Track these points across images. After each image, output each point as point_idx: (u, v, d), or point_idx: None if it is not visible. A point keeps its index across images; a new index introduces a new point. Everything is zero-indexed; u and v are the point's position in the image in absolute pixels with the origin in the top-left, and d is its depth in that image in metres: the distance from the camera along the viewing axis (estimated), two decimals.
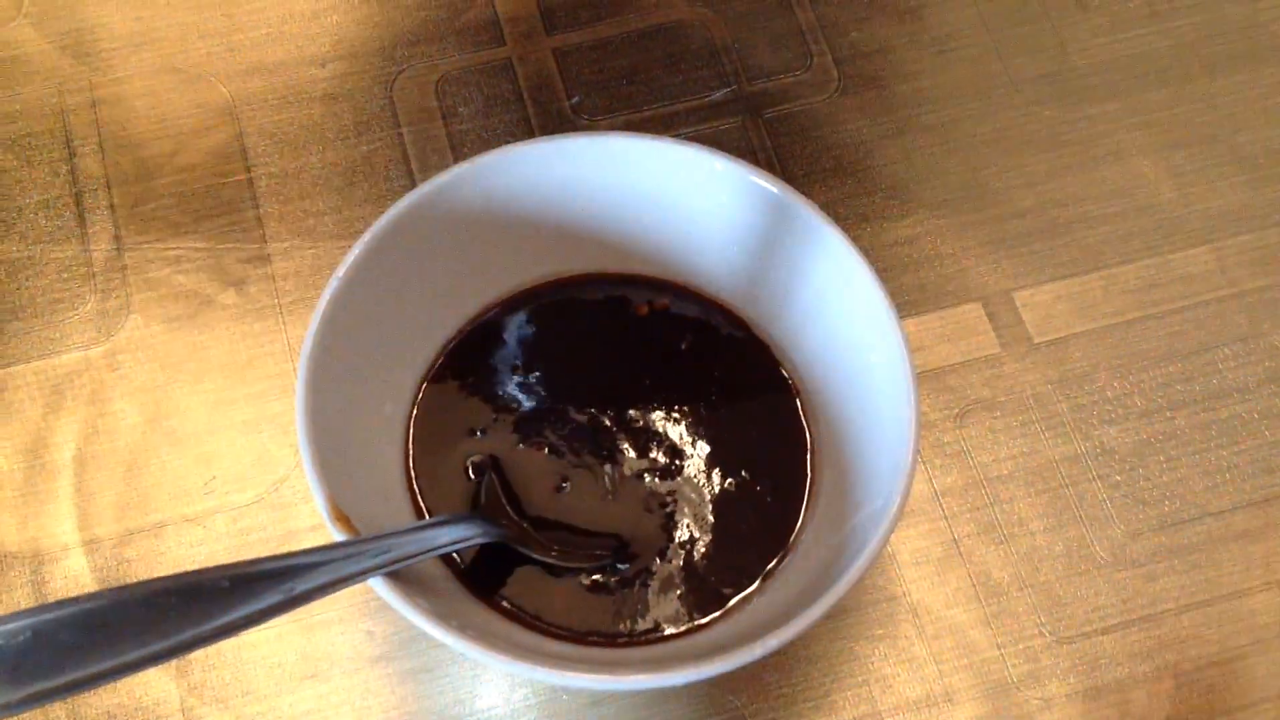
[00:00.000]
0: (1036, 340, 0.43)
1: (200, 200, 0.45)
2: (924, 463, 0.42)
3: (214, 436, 0.41)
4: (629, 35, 0.49)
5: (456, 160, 0.45)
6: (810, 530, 0.37)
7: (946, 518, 0.41)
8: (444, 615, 0.32)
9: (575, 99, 0.47)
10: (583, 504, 0.38)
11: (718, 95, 0.47)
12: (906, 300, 0.44)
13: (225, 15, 0.48)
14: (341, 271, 0.35)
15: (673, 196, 0.39)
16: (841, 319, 0.37)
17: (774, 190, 0.38)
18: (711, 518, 0.38)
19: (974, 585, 0.40)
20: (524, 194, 0.39)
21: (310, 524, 0.40)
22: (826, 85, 0.48)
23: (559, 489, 0.38)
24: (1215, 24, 0.49)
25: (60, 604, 0.28)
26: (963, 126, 0.47)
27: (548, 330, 0.40)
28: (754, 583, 0.37)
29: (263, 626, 0.38)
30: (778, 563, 0.37)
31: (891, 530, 0.34)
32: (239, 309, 0.43)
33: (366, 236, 0.36)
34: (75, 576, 0.40)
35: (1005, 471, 0.42)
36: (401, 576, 0.33)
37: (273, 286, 0.44)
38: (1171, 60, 0.48)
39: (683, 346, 0.40)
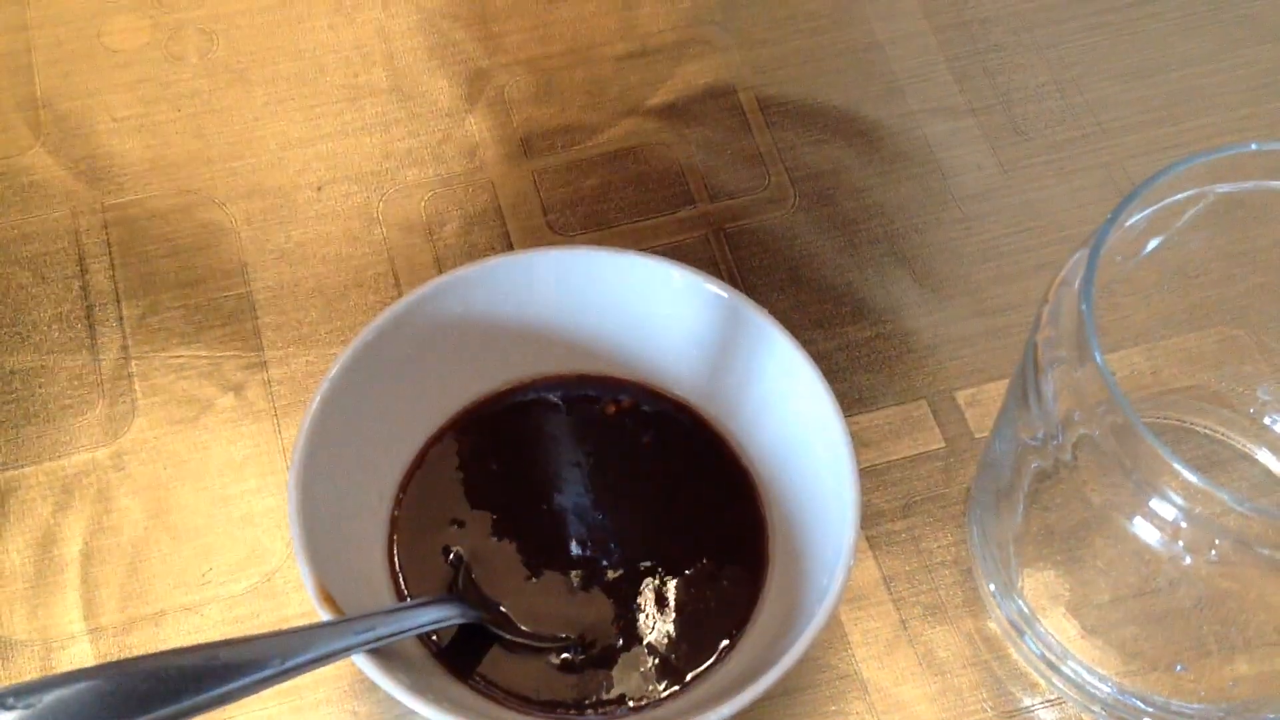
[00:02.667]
0: (977, 436, 0.47)
1: (203, 312, 0.49)
2: (873, 549, 0.45)
3: (211, 530, 0.45)
4: (601, 157, 0.53)
5: (439, 273, 0.49)
6: (765, 610, 0.40)
7: (894, 600, 0.44)
8: (422, 689, 0.35)
9: (551, 216, 0.51)
10: (553, 587, 0.41)
11: (682, 212, 0.51)
12: (859, 398, 0.48)
13: (228, 143, 0.52)
14: (329, 377, 0.39)
15: (636, 304, 0.43)
16: (791, 414, 0.41)
17: (727, 297, 0.41)
18: (673, 599, 0.41)
19: (920, 664, 0.43)
20: (500, 303, 0.42)
21: (301, 611, 0.43)
22: (783, 202, 0.52)
23: (531, 573, 0.41)
24: (1148, 143, 0.53)
25: (71, 676, 0.31)
26: (909, 238, 0.51)
27: (522, 428, 0.43)
28: (711, 659, 0.40)
29: (254, 706, 0.41)
30: (734, 641, 0.40)
31: (833, 609, 0.37)
32: (237, 412, 0.47)
33: (353, 344, 0.40)
34: (81, 662, 0.42)
35: (949, 558, 0.45)
36: (383, 654, 0.36)
37: (269, 391, 0.47)
38: (1103, 178, 0.52)
39: (646, 442, 0.43)
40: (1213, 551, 0.34)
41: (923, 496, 0.46)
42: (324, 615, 0.36)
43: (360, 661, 0.34)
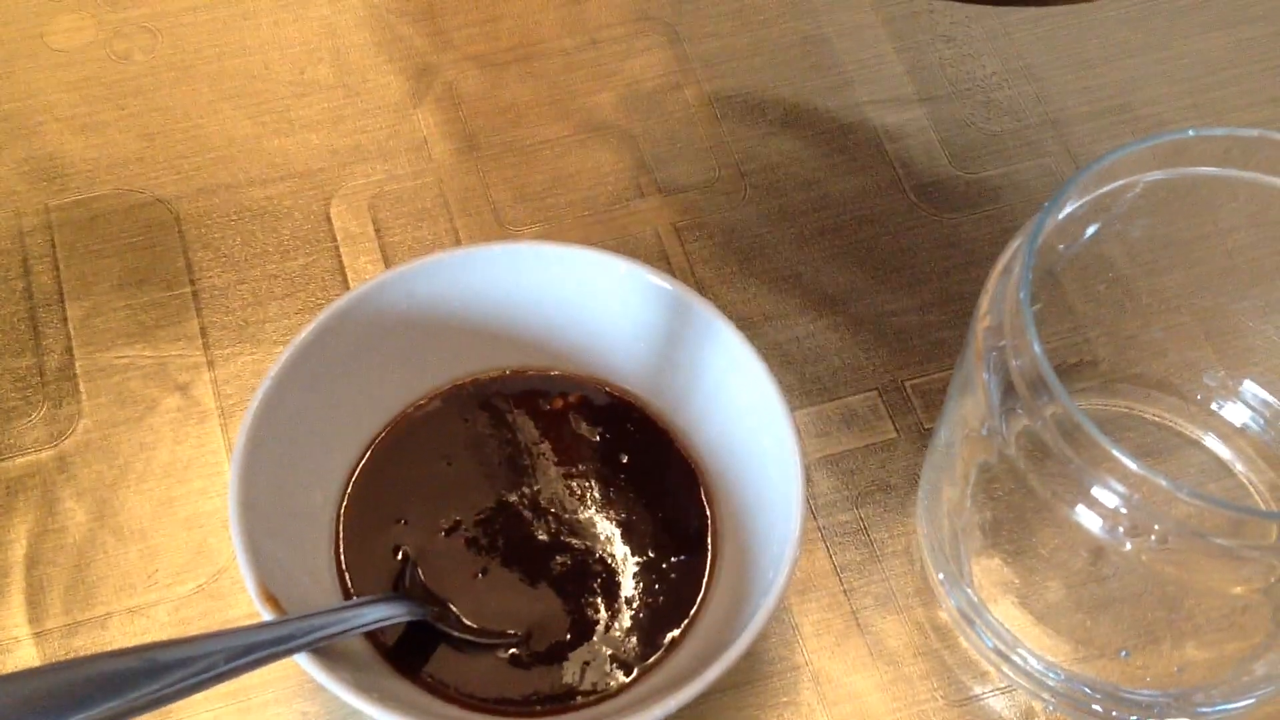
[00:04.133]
0: (928, 426, 0.47)
1: (148, 312, 0.48)
2: (825, 540, 0.45)
3: (157, 532, 0.44)
4: (550, 152, 0.52)
5: (386, 270, 0.48)
6: (713, 602, 0.40)
7: (845, 591, 0.44)
8: (367, 688, 0.35)
9: (500, 211, 0.51)
10: (501, 584, 0.40)
11: (633, 205, 0.51)
12: (810, 390, 0.47)
13: (174, 141, 0.52)
14: (270, 375, 0.39)
15: (582, 298, 0.43)
16: (737, 407, 0.41)
17: (673, 291, 0.41)
18: (620, 594, 0.40)
19: (871, 653, 0.43)
20: (445, 299, 0.42)
21: (248, 612, 0.43)
22: (734, 195, 0.52)
23: (479, 569, 0.40)
24: (1097, 132, 0.54)
25: (7, 677, 0.30)
26: (860, 230, 0.51)
27: (469, 425, 0.43)
28: (658, 652, 0.39)
29: (201, 707, 0.41)
30: (682, 634, 0.40)
31: (778, 603, 0.37)
32: (182, 412, 0.46)
33: (294, 342, 0.39)
34: (26, 665, 0.42)
35: (900, 548, 0.45)
36: (328, 653, 0.36)
37: (215, 390, 0.47)
38: (1053, 166, 0.53)
39: (593, 436, 0.43)
40: (1153, 538, 0.35)
41: (874, 487, 0.46)
42: (266, 615, 0.35)
43: (303, 661, 0.34)
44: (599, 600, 0.40)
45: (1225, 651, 0.40)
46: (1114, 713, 0.41)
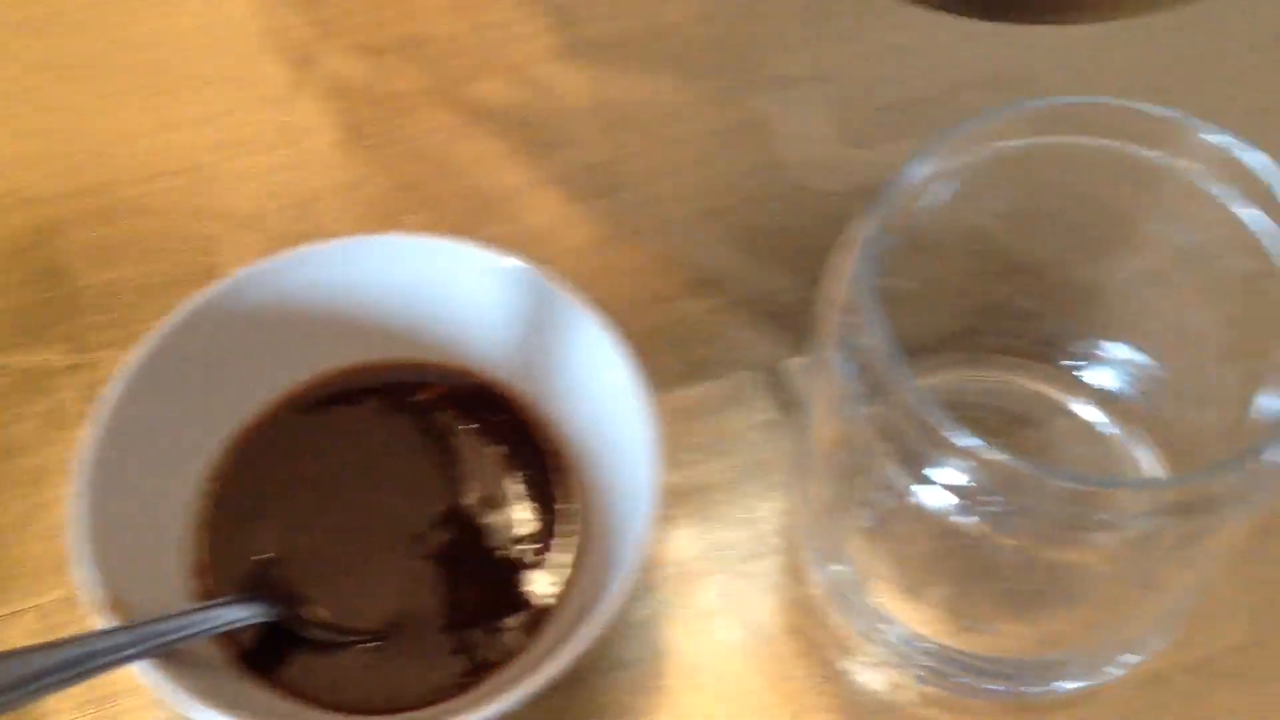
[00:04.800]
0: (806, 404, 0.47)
1: (24, 315, 0.48)
2: (703, 521, 0.45)
3: (24, 540, 0.44)
4: (434, 142, 0.52)
5: None
6: (579, 590, 0.40)
7: (722, 571, 0.44)
8: (214, 695, 0.34)
9: (382, 203, 0.51)
10: (365, 580, 0.40)
11: (522, 192, 0.51)
12: (692, 372, 0.47)
13: (55, 141, 0.52)
14: (122, 373, 0.38)
15: (447, 288, 0.43)
16: (600, 392, 0.41)
17: (537, 278, 0.41)
18: (485, 588, 0.40)
19: (744, 633, 0.43)
20: (306, 293, 0.42)
21: None
22: (621, 179, 0.51)
23: (342, 567, 0.40)
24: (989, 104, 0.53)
25: None
26: (741, 210, 0.51)
27: (334, 420, 0.43)
28: (525, 642, 0.39)
29: (61, 714, 0.41)
30: (548, 621, 0.40)
31: (628, 592, 0.37)
32: (54, 416, 0.46)
33: (149, 340, 0.39)
34: None
35: (776, 526, 0.45)
36: (178, 660, 0.35)
37: (90, 394, 0.46)
38: None
39: (460, 426, 0.43)
40: (1001, 514, 0.35)
41: (753, 466, 0.46)
42: (109, 622, 0.35)
43: (140, 669, 0.34)
44: (464, 593, 0.40)
45: (1083, 621, 0.40)
46: (982, 684, 0.41)
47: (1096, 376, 0.45)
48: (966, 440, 0.33)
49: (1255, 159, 0.36)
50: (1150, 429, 0.45)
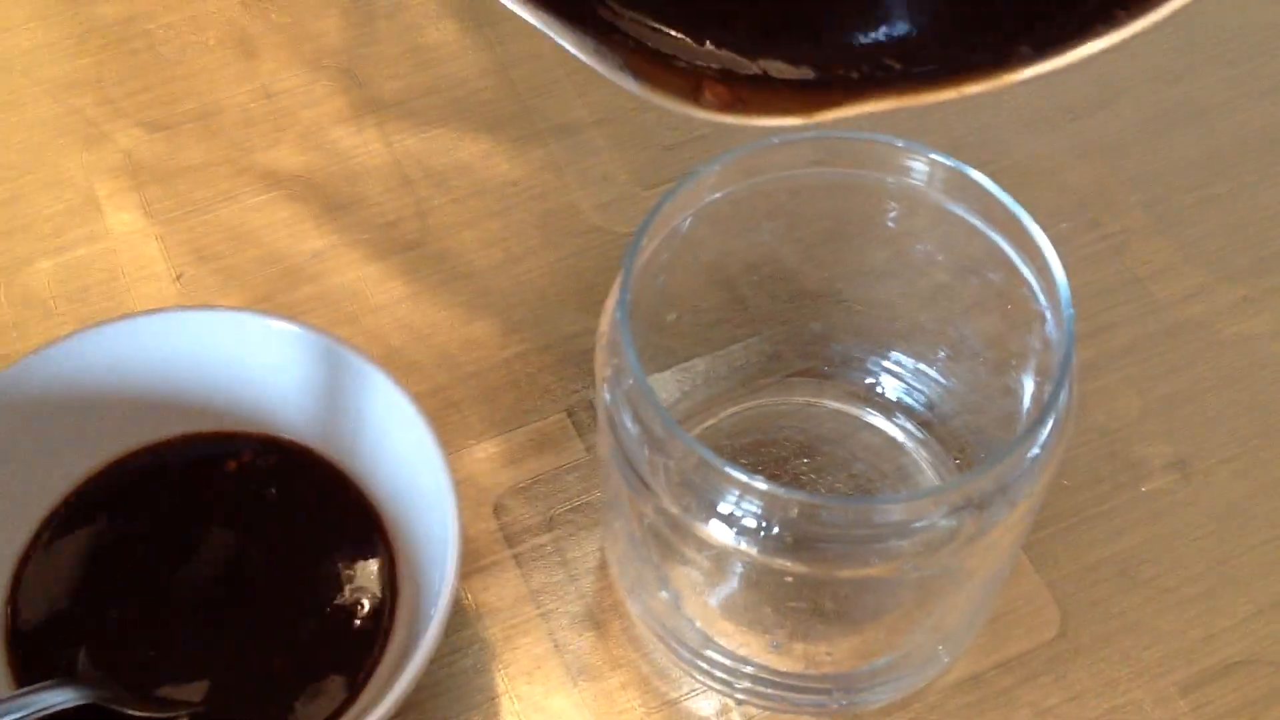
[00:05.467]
0: None
1: None
2: (520, 566, 0.45)
3: None
4: (232, 211, 0.52)
5: None
6: (394, 649, 0.40)
7: (542, 615, 0.44)
8: None
9: (181, 277, 0.51)
10: (179, 655, 0.40)
11: (321, 255, 0.51)
12: (504, 418, 0.48)
13: None
14: None
15: (243, 357, 0.43)
16: (399, 451, 0.41)
17: (327, 343, 0.42)
18: (303, 651, 0.40)
19: (569, 673, 0.43)
20: (100, 374, 0.42)
21: None
22: (419, 234, 0.52)
23: (157, 645, 0.40)
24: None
25: None
26: (539, 255, 0.52)
27: (141, 497, 0.43)
28: (345, 703, 0.40)
29: None
30: (364, 680, 0.40)
31: (432, 648, 0.37)
32: None
33: None
34: None
35: (593, 564, 0.45)
36: None
37: None
38: None
39: (269, 494, 0.43)
40: (779, 540, 0.36)
41: (566, 508, 0.47)
42: None
43: None
44: (284, 657, 0.40)
45: (891, 631, 0.41)
46: (803, 701, 0.42)
47: (892, 390, 0.47)
48: (739, 474, 0.34)
49: (989, 184, 0.38)
50: (941, 437, 0.46)
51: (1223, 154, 0.54)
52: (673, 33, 0.31)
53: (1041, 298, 0.38)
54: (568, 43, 0.29)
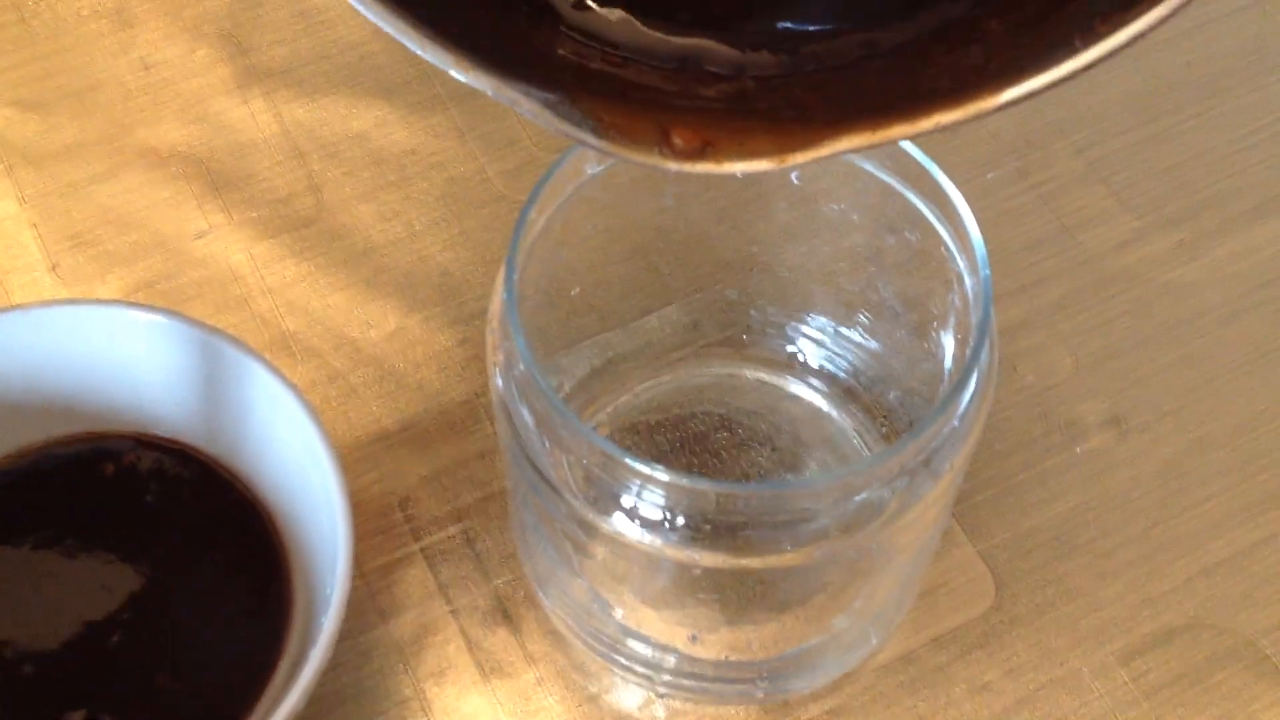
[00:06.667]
0: None
1: None
2: (428, 560, 0.43)
3: None
4: (112, 188, 0.49)
5: None
6: (290, 653, 0.38)
7: (453, 611, 0.42)
8: None
9: (57, 267, 0.47)
10: (56, 677, 0.37)
11: (206, 236, 0.48)
12: (401, 405, 0.45)
13: None
14: None
15: (114, 353, 0.40)
16: (285, 446, 0.39)
17: (202, 335, 0.39)
18: (195, 657, 0.38)
19: (482, 671, 0.41)
20: None
21: None
22: (311, 211, 0.49)
23: (30, 663, 0.38)
24: None
25: None
26: (453, 225, 0.49)
27: (11, 507, 0.40)
28: (242, 711, 0.37)
29: None
30: (263, 689, 0.38)
31: (326, 652, 0.35)
32: None
33: None
34: None
35: (507, 554, 0.43)
36: None
37: None
38: None
39: (152, 496, 0.40)
40: (692, 531, 0.34)
41: (476, 496, 0.44)
42: None
43: None
44: (167, 675, 0.38)
45: (815, 614, 0.39)
46: (730, 690, 0.40)
47: (814, 357, 0.45)
48: (639, 464, 0.32)
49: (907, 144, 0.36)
50: (866, 404, 0.44)
51: (1154, 95, 0.52)
52: (653, 32, 0.28)
53: (959, 257, 0.36)
54: (512, 101, 0.26)
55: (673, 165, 0.27)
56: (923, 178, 0.36)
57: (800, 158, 0.27)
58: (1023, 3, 0.28)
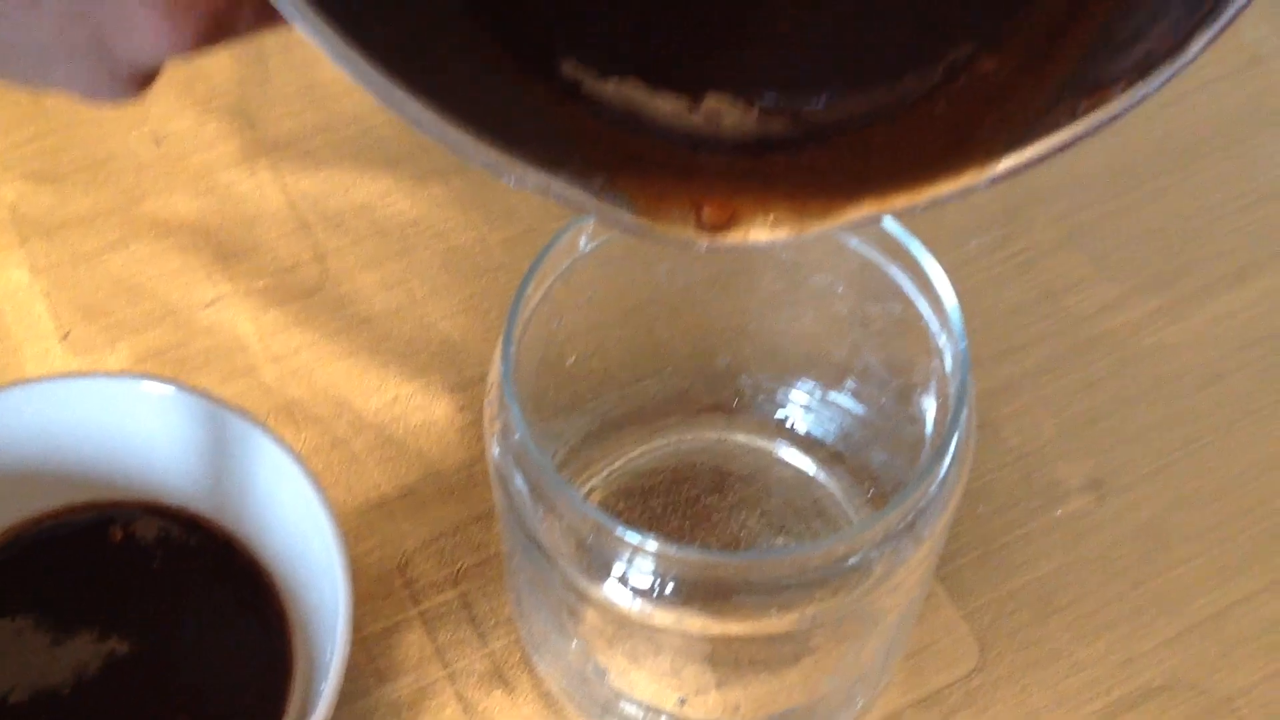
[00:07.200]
0: None
1: None
2: (425, 624, 0.44)
3: None
4: (124, 259, 0.51)
5: None
6: (290, 716, 0.39)
7: (449, 674, 0.43)
8: None
9: (69, 334, 0.49)
10: None
11: (215, 305, 0.50)
12: (401, 471, 0.46)
13: None
14: None
15: (125, 423, 0.41)
16: (288, 514, 0.40)
17: (209, 407, 0.40)
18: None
19: None
20: None
21: None
22: (316, 280, 0.51)
23: None
24: None
25: None
26: (433, 301, 0.50)
27: (22, 573, 0.41)
28: None
29: None
30: None
31: (328, 711, 0.36)
32: None
33: None
34: None
35: (503, 617, 0.44)
36: None
37: None
38: None
39: (159, 562, 0.41)
40: (677, 597, 0.35)
41: (473, 560, 0.45)
42: None
43: None
44: None
45: (802, 677, 0.40)
46: None
47: (802, 422, 0.46)
48: (629, 534, 0.33)
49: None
50: (853, 468, 0.45)
51: (1132, 164, 0.53)
52: (668, 99, 0.29)
53: (937, 328, 0.37)
54: (561, 196, 0.27)
55: (705, 242, 0.28)
56: (901, 252, 0.38)
57: (819, 226, 0.28)
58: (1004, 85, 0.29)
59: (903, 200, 0.28)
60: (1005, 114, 0.28)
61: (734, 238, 0.28)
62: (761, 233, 0.28)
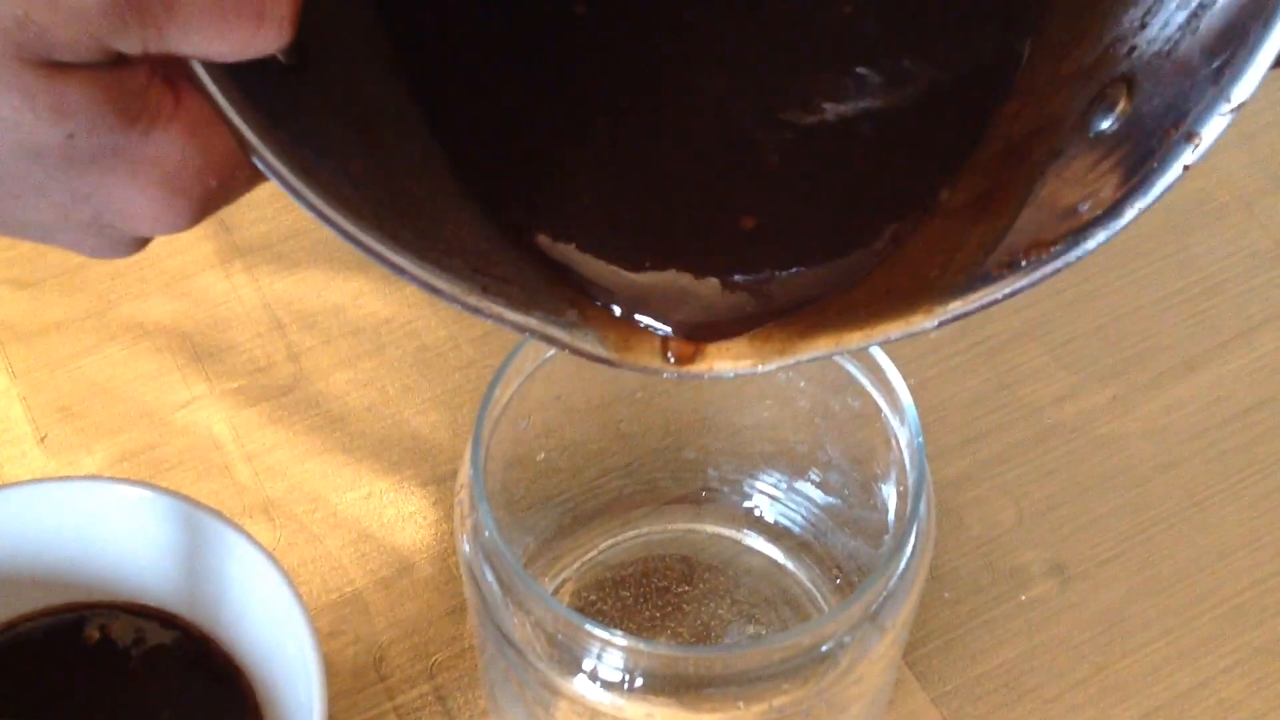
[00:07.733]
0: None
1: None
2: (406, 717, 0.44)
3: None
4: (99, 362, 0.51)
5: None
6: None
7: None
8: None
9: (45, 437, 0.50)
10: None
11: (190, 406, 0.51)
12: (375, 566, 0.47)
13: None
14: None
15: (99, 526, 0.42)
16: (263, 613, 0.40)
17: (185, 508, 0.41)
18: None
19: None
20: None
21: None
22: (290, 379, 0.52)
23: None
24: None
25: None
26: (407, 399, 0.51)
27: (2, 675, 0.41)
28: None
29: None
30: None
31: None
32: None
33: None
34: None
35: (479, 710, 0.45)
36: None
37: None
38: None
39: (132, 662, 0.42)
40: (647, 691, 0.35)
41: (448, 653, 0.46)
42: None
43: None
44: None
45: None
46: None
47: (769, 512, 0.47)
48: (597, 631, 0.34)
49: None
50: (820, 556, 0.46)
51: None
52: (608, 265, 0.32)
53: (895, 423, 0.39)
54: (541, 334, 0.29)
55: (672, 372, 0.30)
56: (859, 350, 0.39)
57: (779, 361, 0.30)
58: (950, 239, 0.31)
59: (857, 339, 0.30)
60: (952, 265, 0.30)
61: (699, 368, 0.30)
62: (725, 365, 0.30)
